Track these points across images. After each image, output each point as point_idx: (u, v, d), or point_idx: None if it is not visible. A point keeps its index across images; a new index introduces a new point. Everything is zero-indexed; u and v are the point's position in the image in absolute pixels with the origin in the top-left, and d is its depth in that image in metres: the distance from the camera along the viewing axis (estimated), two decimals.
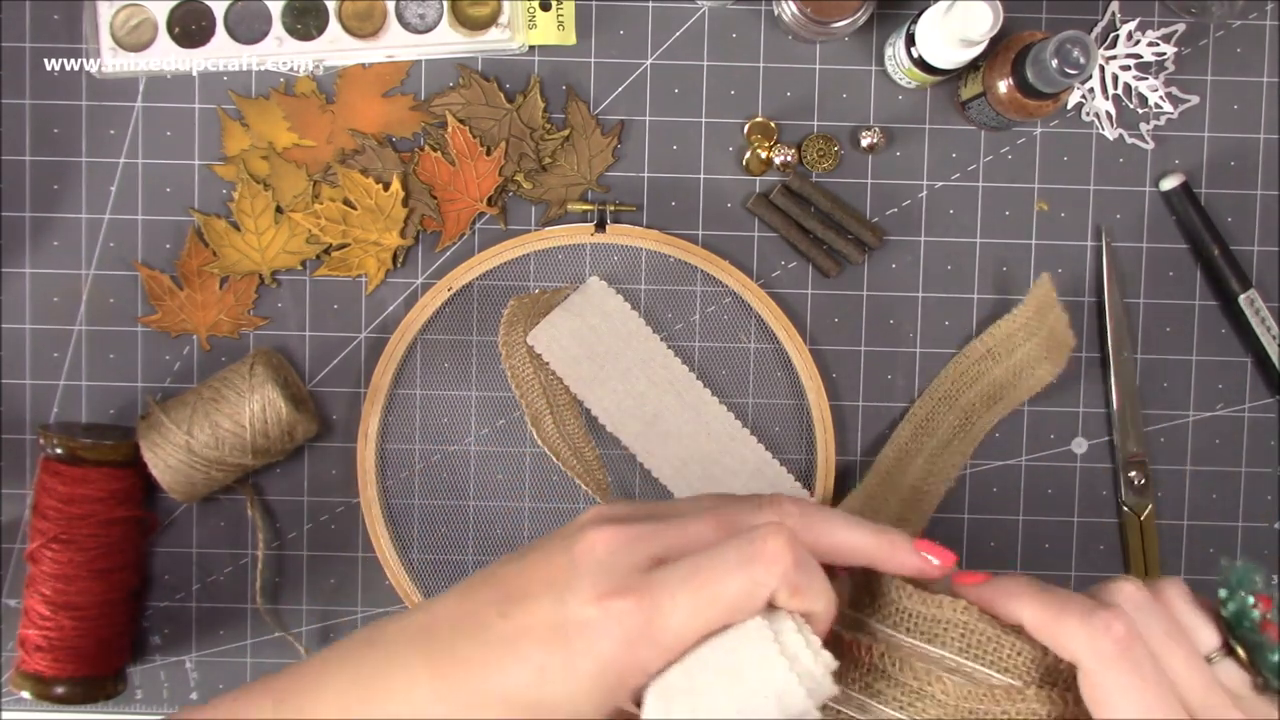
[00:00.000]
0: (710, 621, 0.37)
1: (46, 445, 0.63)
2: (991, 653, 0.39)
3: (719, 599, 0.37)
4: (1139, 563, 0.68)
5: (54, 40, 0.67)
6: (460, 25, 0.66)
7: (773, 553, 0.37)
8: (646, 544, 0.39)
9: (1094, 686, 0.37)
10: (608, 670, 0.37)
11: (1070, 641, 0.37)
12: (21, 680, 0.63)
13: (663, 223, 0.68)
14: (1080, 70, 0.57)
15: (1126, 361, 0.68)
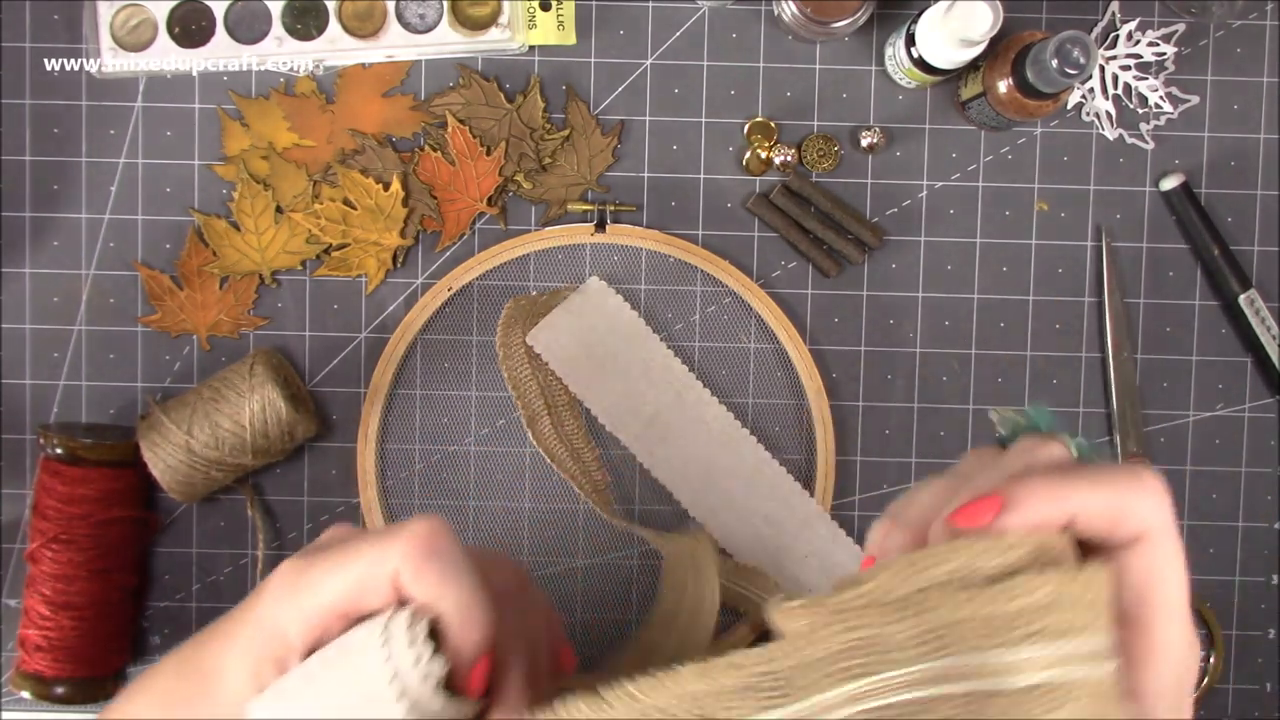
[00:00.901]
0: (338, 592, 0.37)
1: (46, 445, 0.63)
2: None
3: (348, 565, 0.37)
4: None
5: (54, 40, 0.67)
6: (460, 25, 0.66)
7: (407, 533, 0.37)
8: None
9: (1155, 558, 0.33)
10: (261, 621, 0.38)
11: (1146, 513, 0.33)
12: (21, 680, 0.63)
13: (663, 223, 0.68)
14: (1080, 70, 0.57)
15: (1126, 361, 0.68)
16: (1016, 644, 0.29)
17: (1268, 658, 0.69)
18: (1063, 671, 0.29)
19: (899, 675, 0.30)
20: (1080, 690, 0.29)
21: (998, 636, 0.29)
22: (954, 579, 0.30)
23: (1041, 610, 0.29)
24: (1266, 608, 0.69)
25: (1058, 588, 0.30)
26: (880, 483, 0.68)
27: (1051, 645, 0.29)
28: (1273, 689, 0.69)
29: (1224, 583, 0.69)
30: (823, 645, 0.31)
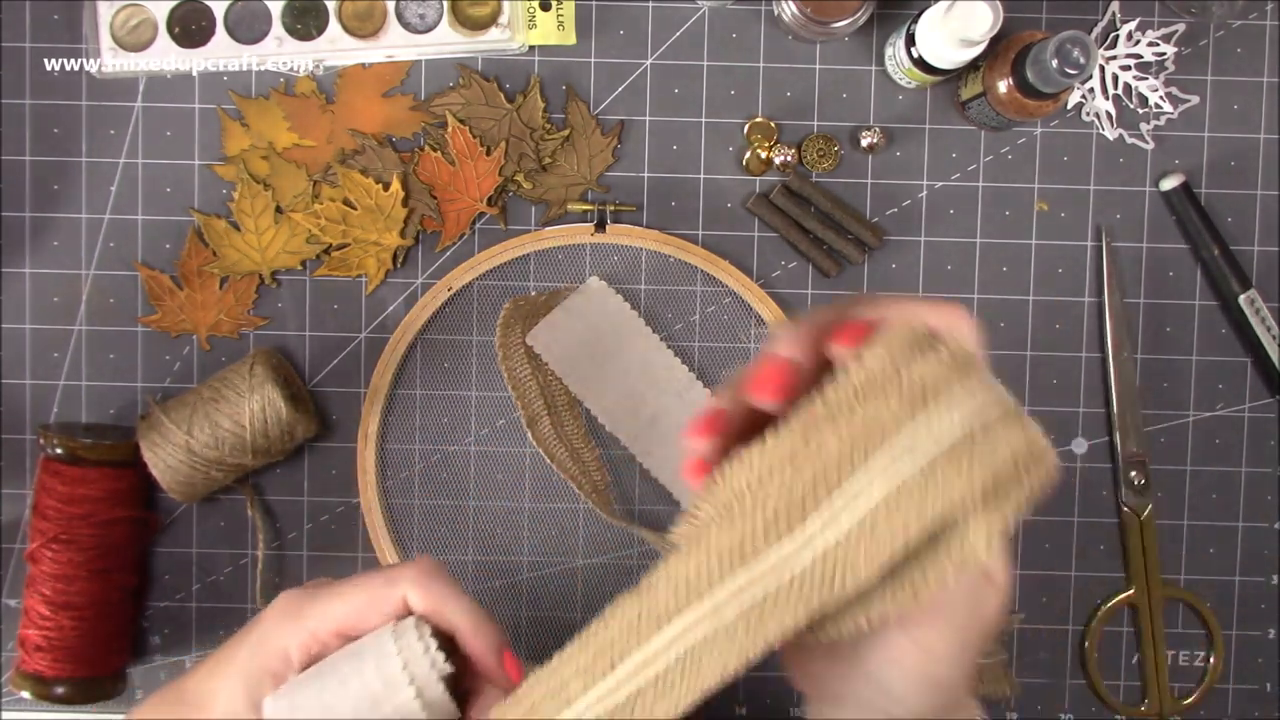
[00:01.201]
0: (345, 611, 0.42)
1: (46, 445, 0.63)
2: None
3: (357, 589, 0.42)
4: (1139, 563, 0.68)
5: (54, 40, 0.67)
6: (460, 25, 0.66)
7: (411, 563, 0.43)
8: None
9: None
10: (259, 644, 0.42)
11: (966, 327, 0.35)
12: (21, 680, 0.63)
13: (663, 223, 0.68)
14: (1080, 70, 0.57)
15: (1126, 361, 0.68)
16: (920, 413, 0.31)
17: (1268, 658, 0.69)
18: (970, 416, 0.31)
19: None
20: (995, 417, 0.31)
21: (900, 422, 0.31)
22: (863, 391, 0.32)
23: (924, 382, 0.31)
24: (1266, 608, 0.69)
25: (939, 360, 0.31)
26: None
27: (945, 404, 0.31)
28: (1273, 689, 0.69)
29: (1224, 583, 0.69)
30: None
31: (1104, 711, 0.69)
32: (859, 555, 0.31)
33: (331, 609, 0.42)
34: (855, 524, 0.31)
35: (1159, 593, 0.68)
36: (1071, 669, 0.69)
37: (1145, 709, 0.69)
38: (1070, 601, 0.69)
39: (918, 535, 0.30)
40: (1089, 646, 0.69)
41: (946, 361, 0.31)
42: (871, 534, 0.31)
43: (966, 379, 0.31)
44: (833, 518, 0.31)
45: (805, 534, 0.31)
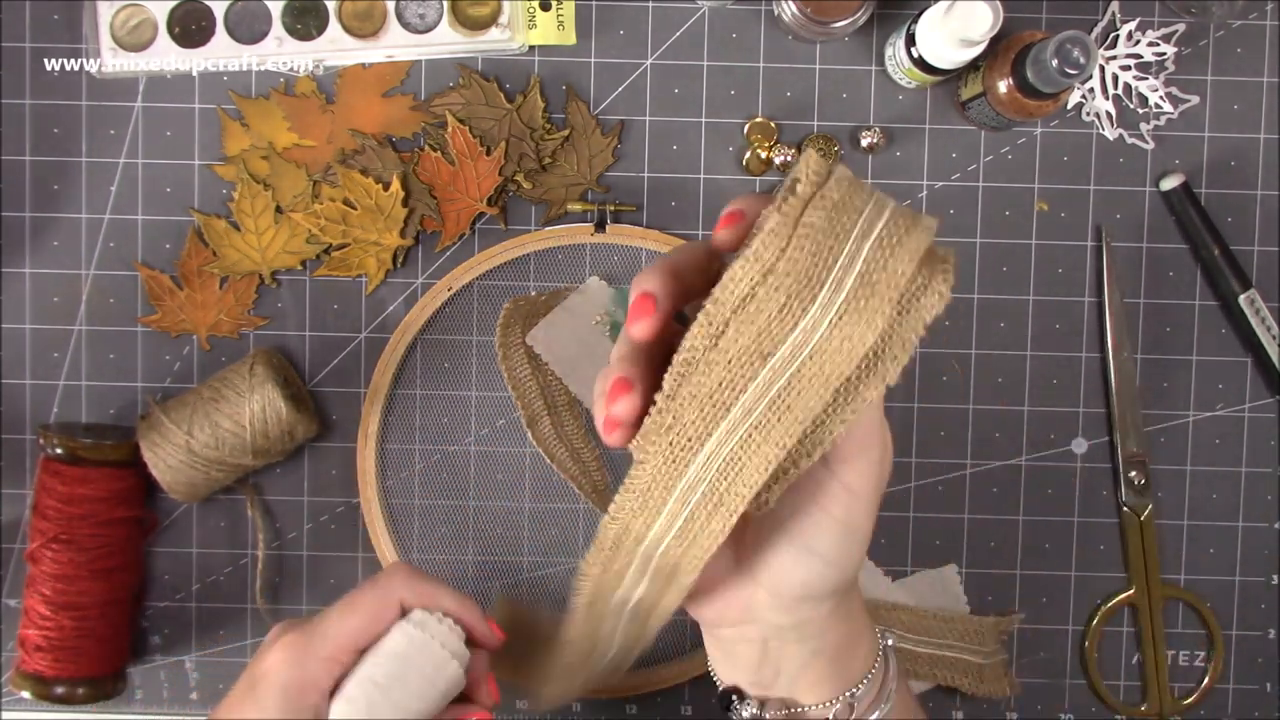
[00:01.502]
0: (354, 628, 0.49)
1: (46, 445, 0.63)
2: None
3: (357, 608, 0.49)
4: (1139, 563, 0.68)
5: (54, 40, 0.67)
6: (460, 25, 0.66)
7: (390, 571, 0.51)
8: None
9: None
10: (287, 690, 0.47)
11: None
12: (21, 680, 0.63)
13: (663, 223, 0.67)
14: (1080, 70, 0.57)
15: (1126, 361, 0.68)
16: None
17: (1268, 658, 0.69)
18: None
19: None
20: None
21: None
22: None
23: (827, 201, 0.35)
24: (1266, 608, 0.69)
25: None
26: None
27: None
28: (1273, 689, 0.69)
29: (1224, 583, 0.69)
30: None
31: (1104, 711, 0.69)
32: (857, 325, 0.35)
33: (343, 632, 0.49)
34: (844, 303, 0.35)
35: (1159, 593, 0.68)
36: (1071, 669, 0.69)
37: (1145, 709, 0.69)
38: (1070, 601, 0.69)
39: (899, 282, 0.34)
40: (1089, 646, 0.69)
41: (845, 185, 0.36)
42: (859, 308, 0.35)
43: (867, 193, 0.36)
44: (827, 302, 0.35)
45: (810, 319, 0.35)
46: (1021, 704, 0.69)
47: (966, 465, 0.68)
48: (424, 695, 0.48)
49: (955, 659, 0.66)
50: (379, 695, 0.48)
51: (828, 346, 0.35)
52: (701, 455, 0.36)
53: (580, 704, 0.69)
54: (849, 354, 0.35)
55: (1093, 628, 0.69)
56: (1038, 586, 0.69)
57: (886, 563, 0.68)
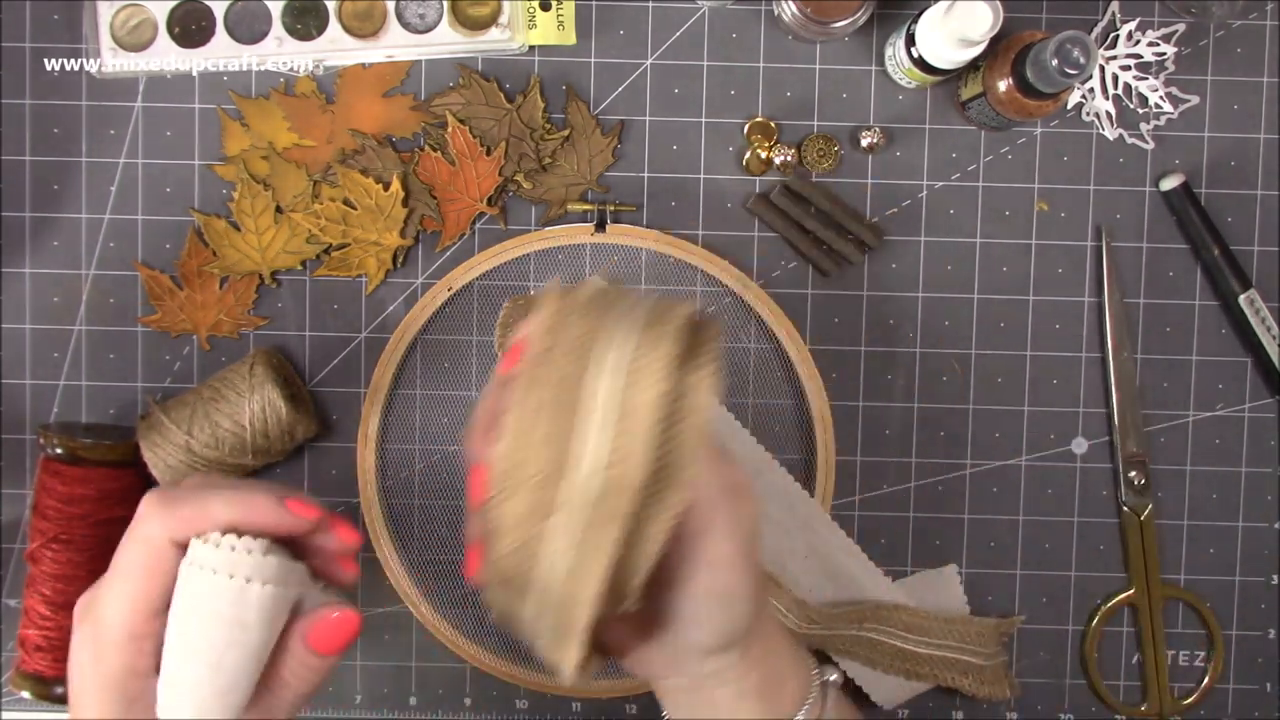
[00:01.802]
0: (131, 592, 0.41)
1: (46, 445, 0.63)
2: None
3: (124, 573, 0.42)
4: (1139, 563, 0.68)
5: (54, 40, 0.67)
6: (460, 25, 0.66)
7: (141, 515, 0.42)
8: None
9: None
10: (106, 693, 0.41)
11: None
12: (21, 680, 0.63)
13: (663, 223, 0.68)
14: (1080, 70, 0.57)
15: (1126, 361, 0.68)
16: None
17: (1268, 658, 0.69)
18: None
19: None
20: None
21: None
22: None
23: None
24: (1266, 608, 0.69)
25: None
26: (880, 483, 0.68)
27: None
28: (1273, 689, 0.69)
29: (1224, 583, 0.69)
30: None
31: (1104, 711, 0.69)
32: (628, 449, 0.37)
33: (125, 611, 0.42)
34: (606, 431, 0.37)
35: (1159, 593, 0.68)
36: (1071, 669, 0.69)
37: (1145, 709, 0.69)
38: (1070, 601, 0.69)
39: (655, 404, 0.36)
40: (1089, 646, 0.69)
41: (581, 307, 0.38)
42: (622, 427, 0.36)
43: (609, 309, 0.38)
44: (586, 435, 0.37)
45: (577, 455, 0.37)
46: (1021, 704, 0.69)
47: (966, 465, 0.68)
48: (242, 640, 0.41)
49: (955, 659, 0.66)
50: (194, 664, 0.41)
51: (605, 469, 0.37)
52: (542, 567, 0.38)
53: (580, 704, 0.69)
54: (631, 474, 0.37)
55: (1093, 628, 0.69)
56: (1038, 586, 0.69)
57: (886, 563, 0.68)
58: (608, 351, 0.37)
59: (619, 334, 0.37)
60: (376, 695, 0.69)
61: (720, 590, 0.43)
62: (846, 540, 0.67)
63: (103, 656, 0.42)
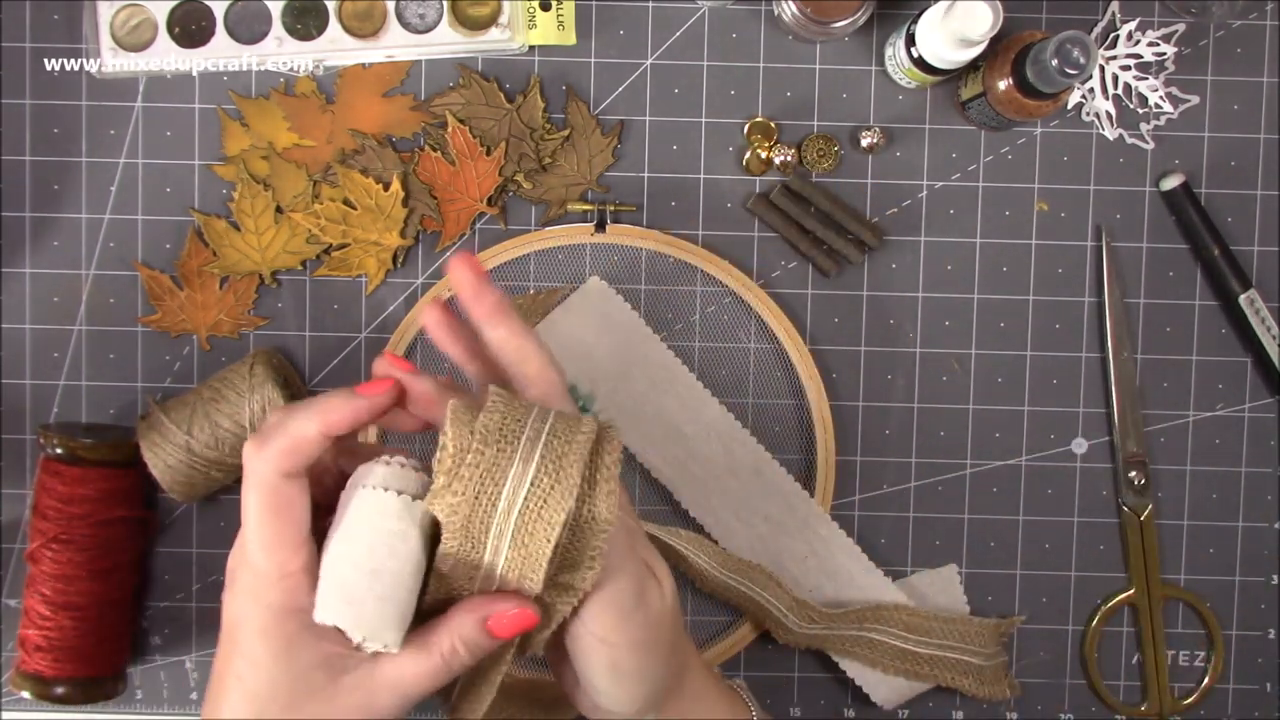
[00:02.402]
0: (266, 537, 0.42)
1: (46, 445, 0.63)
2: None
3: (248, 520, 0.42)
4: (1139, 563, 0.68)
5: (54, 40, 0.67)
6: (460, 25, 0.66)
7: (245, 464, 0.42)
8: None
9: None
10: (266, 635, 0.42)
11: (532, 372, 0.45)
12: (21, 680, 0.63)
13: (663, 223, 0.68)
14: (1080, 70, 0.57)
15: (1126, 361, 0.68)
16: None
17: (1268, 658, 0.69)
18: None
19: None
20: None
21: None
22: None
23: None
24: (1266, 608, 0.69)
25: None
26: (880, 483, 0.68)
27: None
28: (1273, 689, 0.69)
29: (1224, 583, 0.69)
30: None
31: (1104, 711, 0.69)
32: (529, 575, 0.41)
33: (255, 518, 0.42)
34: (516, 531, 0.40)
35: (1159, 593, 0.68)
36: (1071, 669, 0.69)
37: (1145, 709, 0.69)
38: (1070, 601, 0.69)
39: (552, 538, 0.40)
40: (1089, 646, 0.69)
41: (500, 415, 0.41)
42: (522, 558, 0.40)
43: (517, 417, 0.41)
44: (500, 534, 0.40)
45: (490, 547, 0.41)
46: (1021, 704, 0.69)
47: (966, 465, 0.68)
48: (401, 551, 0.42)
49: (955, 660, 0.66)
50: (352, 570, 0.42)
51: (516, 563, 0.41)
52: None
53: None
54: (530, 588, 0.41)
55: (1093, 628, 0.69)
56: (1038, 586, 0.69)
57: (886, 563, 0.68)
58: (504, 494, 0.40)
59: (517, 478, 0.40)
60: None
61: (618, 668, 0.44)
62: (846, 540, 0.67)
63: (260, 597, 0.42)
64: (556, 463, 0.40)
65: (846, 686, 0.68)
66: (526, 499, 0.40)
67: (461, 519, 0.40)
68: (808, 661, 0.69)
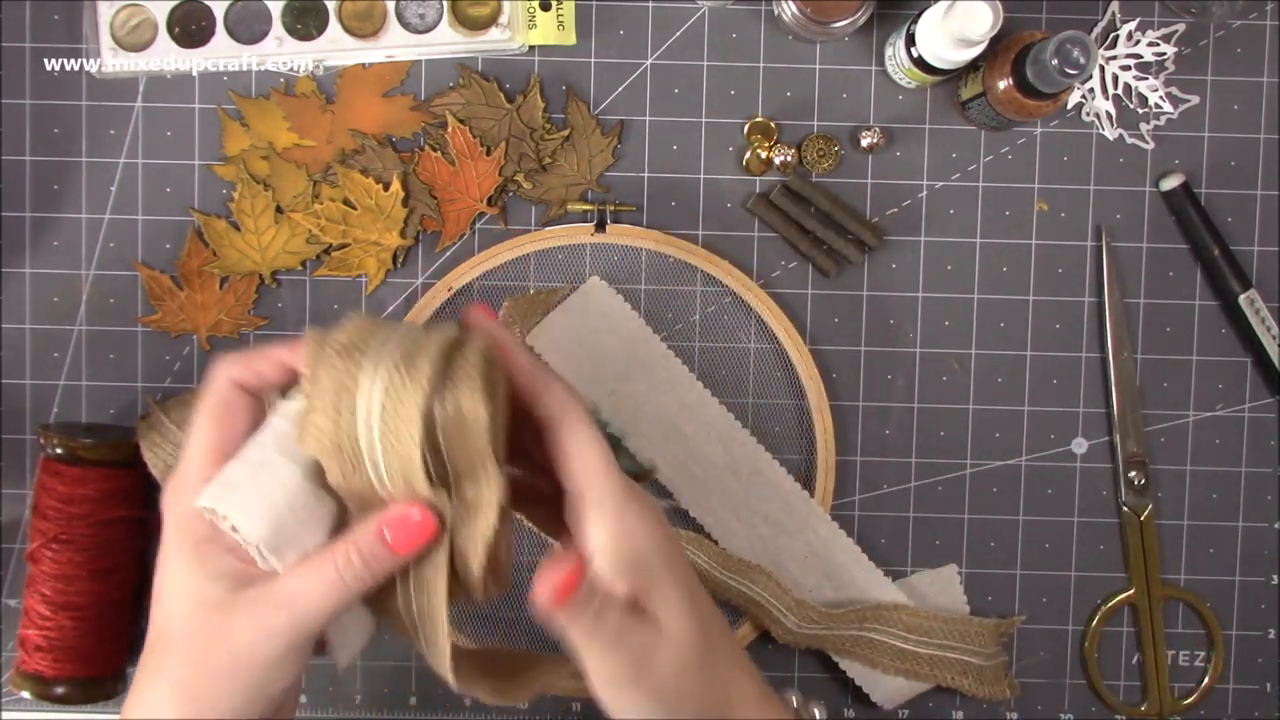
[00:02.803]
0: (202, 440, 0.44)
1: (46, 445, 0.63)
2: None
3: (195, 421, 0.45)
4: (1139, 563, 0.68)
5: (54, 40, 0.67)
6: (460, 25, 0.66)
7: (210, 371, 0.46)
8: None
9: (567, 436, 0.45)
10: (178, 534, 0.44)
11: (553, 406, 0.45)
12: (21, 680, 0.63)
13: (663, 223, 0.68)
14: (1080, 70, 0.57)
15: (1126, 361, 0.68)
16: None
17: (1268, 658, 0.69)
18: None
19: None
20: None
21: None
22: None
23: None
24: (1266, 608, 0.69)
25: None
26: (880, 483, 0.68)
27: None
28: (1273, 689, 0.69)
29: (1224, 583, 0.69)
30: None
31: (1104, 711, 0.69)
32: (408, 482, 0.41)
33: (193, 437, 0.45)
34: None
35: (1159, 593, 0.68)
36: (1071, 669, 0.69)
37: (1145, 709, 0.69)
38: (1070, 601, 0.69)
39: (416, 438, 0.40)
40: (1089, 646, 0.69)
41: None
42: (393, 471, 0.41)
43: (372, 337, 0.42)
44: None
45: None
46: (1021, 704, 0.69)
47: (966, 465, 0.68)
48: (283, 447, 0.43)
49: (955, 660, 0.66)
50: (253, 470, 0.43)
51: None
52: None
53: (580, 704, 0.69)
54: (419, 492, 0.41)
55: (1093, 628, 0.69)
56: (1038, 586, 0.69)
57: (886, 563, 0.68)
58: (359, 402, 0.40)
59: (368, 384, 0.41)
60: (376, 695, 0.69)
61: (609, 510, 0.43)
62: (846, 540, 0.67)
63: (177, 500, 0.44)
64: (407, 361, 0.41)
65: (846, 686, 0.68)
66: (384, 403, 0.40)
67: (330, 438, 0.41)
68: (808, 661, 0.69)
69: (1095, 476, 0.69)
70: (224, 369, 0.45)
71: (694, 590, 0.45)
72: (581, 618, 0.42)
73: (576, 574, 0.41)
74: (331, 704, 0.69)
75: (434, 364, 0.40)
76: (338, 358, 0.41)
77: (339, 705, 0.69)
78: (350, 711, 0.69)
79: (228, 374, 0.45)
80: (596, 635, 0.42)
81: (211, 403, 0.45)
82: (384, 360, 0.41)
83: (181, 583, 0.44)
